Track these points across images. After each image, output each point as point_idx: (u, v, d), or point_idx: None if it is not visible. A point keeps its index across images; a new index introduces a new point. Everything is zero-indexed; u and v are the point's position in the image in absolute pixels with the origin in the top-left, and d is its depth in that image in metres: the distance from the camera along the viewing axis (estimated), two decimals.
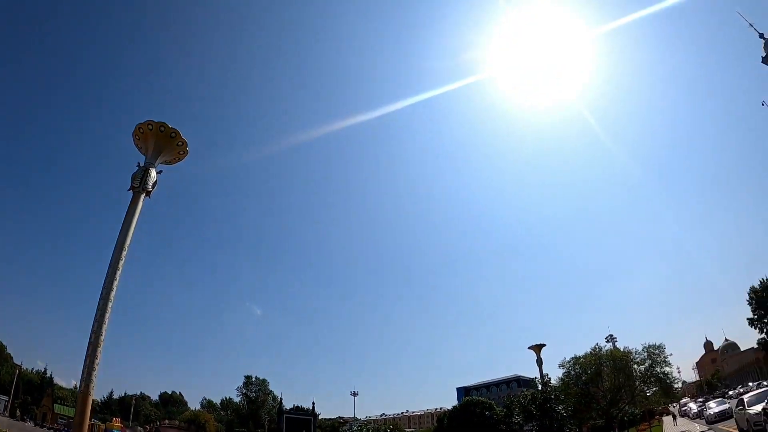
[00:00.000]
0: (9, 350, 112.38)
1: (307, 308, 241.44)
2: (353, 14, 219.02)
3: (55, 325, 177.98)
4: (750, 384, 69.24)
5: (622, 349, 52.53)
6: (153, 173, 16.60)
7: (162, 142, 16.76)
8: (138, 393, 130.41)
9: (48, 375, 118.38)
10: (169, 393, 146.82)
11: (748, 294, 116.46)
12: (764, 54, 65.58)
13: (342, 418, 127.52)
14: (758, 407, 21.81)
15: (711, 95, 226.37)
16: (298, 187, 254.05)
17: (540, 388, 17.79)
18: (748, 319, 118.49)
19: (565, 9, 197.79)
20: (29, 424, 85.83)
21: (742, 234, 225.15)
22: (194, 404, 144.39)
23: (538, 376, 28.84)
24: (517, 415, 15.80)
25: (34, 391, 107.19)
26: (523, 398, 16.70)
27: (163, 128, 16.77)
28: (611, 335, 70.78)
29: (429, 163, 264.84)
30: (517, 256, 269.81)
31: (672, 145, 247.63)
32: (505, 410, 16.47)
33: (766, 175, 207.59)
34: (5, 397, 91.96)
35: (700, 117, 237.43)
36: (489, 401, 16.86)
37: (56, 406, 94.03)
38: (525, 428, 15.85)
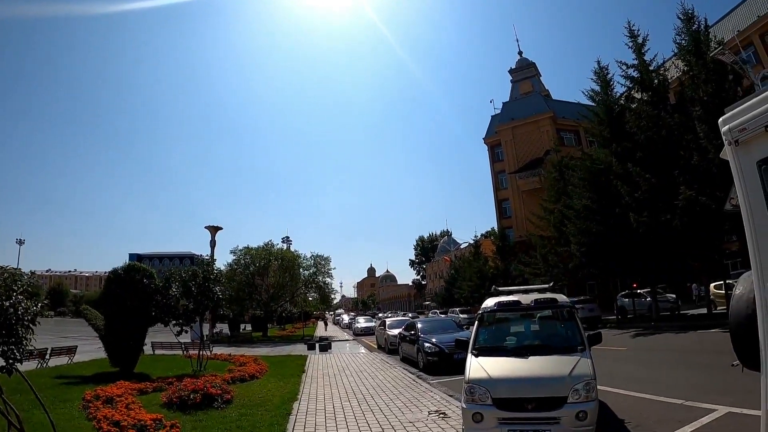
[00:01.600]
0: None
1: None
2: None
3: None
4: (398, 312, 79.85)
5: (293, 251, 55.61)
6: None
7: None
8: None
9: None
10: None
11: (416, 241, 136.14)
12: (514, 66, 74.84)
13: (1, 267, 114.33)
14: (395, 331, 24.74)
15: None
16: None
17: (204, 267, 18.51)
18: (410, 260, 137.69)
19: None
20: None
21: (432, 191, 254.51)
22: None
23: (209, 256, 29.66)
24: (175, 289, 16.15)
25: None
26: (184, 273, 17.06)
27: None
28: (287, 237, 74.52)
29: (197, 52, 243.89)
30: (221, 138, 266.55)
31: (415, 90, 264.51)
32: (164, 282, 16.66)
33: (469, 158, 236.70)
34: None
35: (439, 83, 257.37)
36: (151, 270, 16.79)
37: None
38: (181, 302, 16.32)
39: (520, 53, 76.66)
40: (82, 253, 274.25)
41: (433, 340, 18.06)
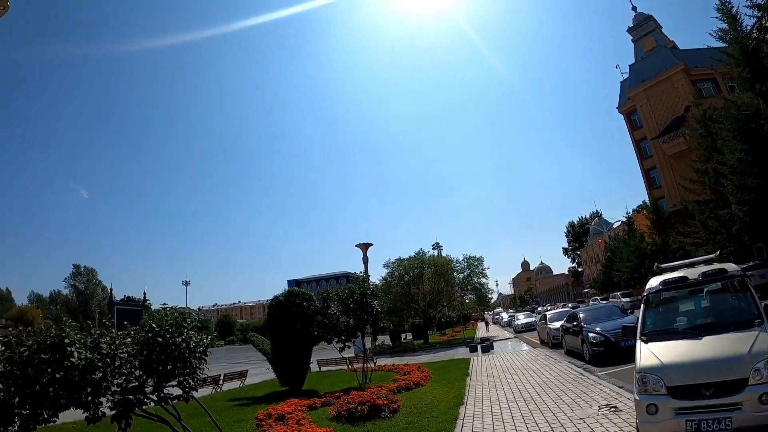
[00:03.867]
0: None
1: (136, 194, 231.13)
2: None
3: None
4: (558, 304, 77.40)
5: (445, 257, 54.97)
6: None
7: None
8: None
9: None
10: None
11: (567, 227, 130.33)
12: (631, 24, 70.40)
13: (167, 305, 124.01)
14: (557, 324, 23.94)
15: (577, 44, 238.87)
16: (119, 57, 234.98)
17: (360, 284, 19.08)
18: (563, 248, 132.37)
19: None
20: None
21: (573, 174, 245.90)
22: (22, 300, 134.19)
23: (363, 272, 30.42)
24: (334, 307, 16.75)
25: None
26: (341, 292, 17.68)
27: None
28: (438, 243, 74.97)
29: (290, 62, 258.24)
30: (361, 157, 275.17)
31: (528, 74, 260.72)
32: (323, 302, 17.36)
33: (605, 131, 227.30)
34: None
35: (560, 58, 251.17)
36: (309, 293, 17.62)
37: None
38: (341, 320, 16.87)
39: (634, 9, 71.14)
40: (244, 285, 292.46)
41: (597, 329, 17.29)
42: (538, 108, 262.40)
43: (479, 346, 27.74)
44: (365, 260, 33.62)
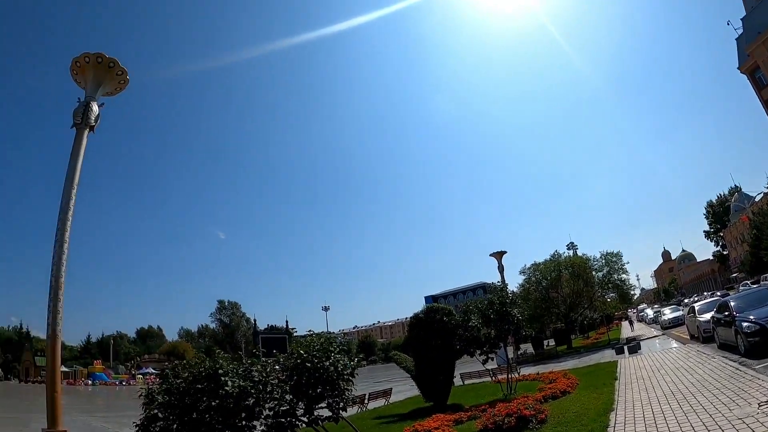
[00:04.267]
0: None
1: (272, 227, 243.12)
2: None
3: (22, 277, 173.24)
4: (705, 293, 72.40)
5: (581, 256, 53.40)
6: (95, 107, 16.00)
7: (101, 73, 16.06)
8: (115, 332, 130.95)
9: (25, 330, 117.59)
10: (146, 328, 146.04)
11: (705, 208, 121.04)
12: None
13: (311, 332, 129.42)
14: (707, 315, 22.41)
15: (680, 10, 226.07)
16: (254, 101, 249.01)
17: (499, 294, 18.74)
18: (704, 231, 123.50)
19: None
20: (14, 381, 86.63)
21: (702, 150, 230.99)
22: (172, 335, 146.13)
23: (500, 281, 30.01)
24: (474, 320, 16.46)
25: (14, 349, 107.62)
26: (480, 303, 17.40)
27: (100, 59, 16.01)
28: (572, 243, 72.75)
29: (390, 74, 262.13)
30: (482, 165, 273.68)
31: (635, 55, 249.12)
32: (463, 316, 17.11)
33: (728, 96, 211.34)
34: None
35: (667, 28, 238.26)
36: (449, 307, 17.45)
37: (37, 359, 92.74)
38: (483, 331, 16.52)
39: None
40: (381, 305, 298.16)
41: (751, 317, 15.99)
42: (653, 88, 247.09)
43: (625, 347, 27.00)
44: (500, 269, 33.32)
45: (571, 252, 61.72)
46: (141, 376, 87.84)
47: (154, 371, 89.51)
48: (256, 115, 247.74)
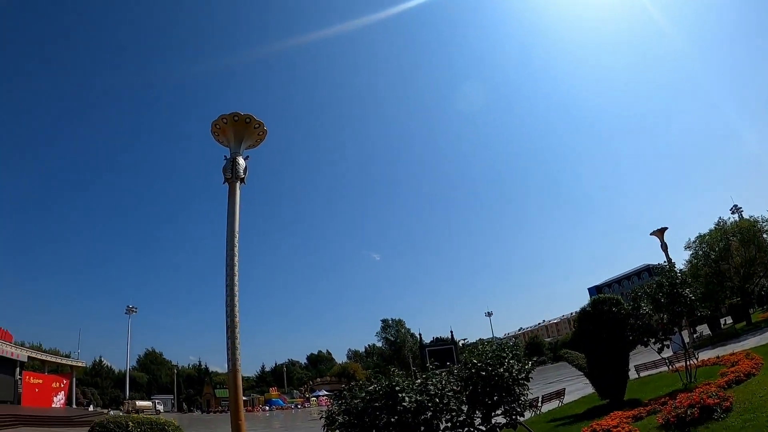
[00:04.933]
0: (164, 356, 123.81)
1: (429, 242, 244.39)
2: None
3: (196, 321, 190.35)
4: None
5: (749, 219, 49.29)
6: (241, 161, 17.31)
7: (240, 130, 17.48)
8: (287, 360, 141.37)
9: (203, 366, 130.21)
10: (316, 353, 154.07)
11: None
12: None
13: (481, 340, 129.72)
14: None
15: None
16: (390, 123, 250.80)
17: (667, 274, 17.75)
18: None
19: None
20: (197, 413, 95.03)
21: None
22: (341, 358, 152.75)
23: (666, 261, 28.27)
24: (645, 306, 15.64)
25: (195, 384, 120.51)
26: (648, 288, 16.54)
27: (236, 118, 17.38)
28: (736, 205, 66.70)
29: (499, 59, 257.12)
30: (625, 141, 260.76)
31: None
32: (632, 303, 16.32)
33: None
34: (170, 396, 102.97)
35: None
36: (616, 297, 16.73)
37: (217, 391, 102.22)
38: (654, 318, 15.69)
39: None
40: (544, 303, 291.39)
41: None
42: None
43: None
44: (664, 247, 31.77)
45: (736, 216, 57.01)
46: (315, 398, 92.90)
47: (327, 393, 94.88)
48: (394, 137, 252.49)
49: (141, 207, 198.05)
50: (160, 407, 75.78)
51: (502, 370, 7.89)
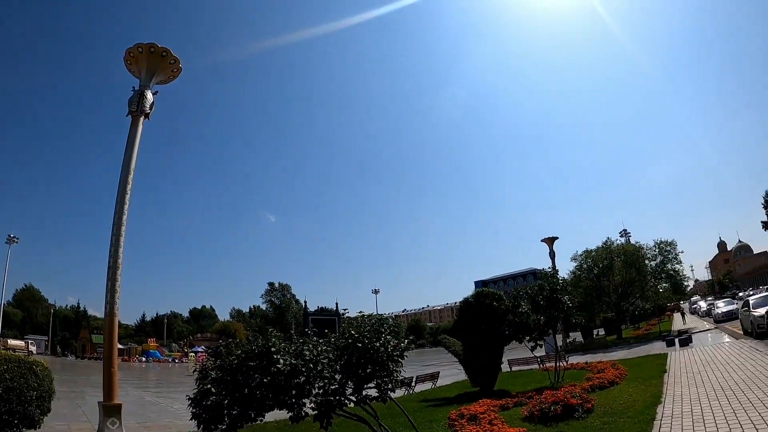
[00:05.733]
0: (42, 293, 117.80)
1: (323, 210, 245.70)
2: None
3: (80, 259, 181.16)
4: (761, 287, 70.22)
5: (634, 244, 52.41)
6: (149, 95, 16.46)
7: (154, 63, 16.54)
8: (169, 312, 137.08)
9: (82, 309, 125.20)
10: (199, 308, 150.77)
11: (763, 197, 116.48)
12: None
13: (362, 312, 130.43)
14: (762, 310, 22.16)
15: None
16: (302, 82, 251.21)
17: (549, 279, 18.62)
18: (762, 222, 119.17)
19: None
20: (71, 357, 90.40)
21: (758, 138, 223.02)
22: (224, 315, 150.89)
23: (551, 267, 29.56)
24: (524, 305, 16.41)
25: (71, 327, 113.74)
26: (530, 289, 17.39)
27: (153, 49, 16.46)
28: (625, 230, 71.38)
29: (436, 56, 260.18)
30: (533, 151, 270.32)
31: (688, 40, 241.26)
32: (513, 301, 17.08)
33: None
34: (44, 337, 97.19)
35: (728, 14, 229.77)
36: (498, 292, 17.40)
37: (93, 336, 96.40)
38: (532, 318, 16.46)
39: None
40: (431, 289, 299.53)
41: None
42: (713, 72, 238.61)
43: (677, 340, 26.83)
44: (552, 255, 33.12)
45: (623, 239, 60.55)
46: (193, 354, 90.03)
47: (206, 349, 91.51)
48: (301, 98, 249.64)
49: (27, 125, 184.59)
50: (32, 348, 71.09)
51: (378, 344, 7.93)
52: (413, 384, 23.59)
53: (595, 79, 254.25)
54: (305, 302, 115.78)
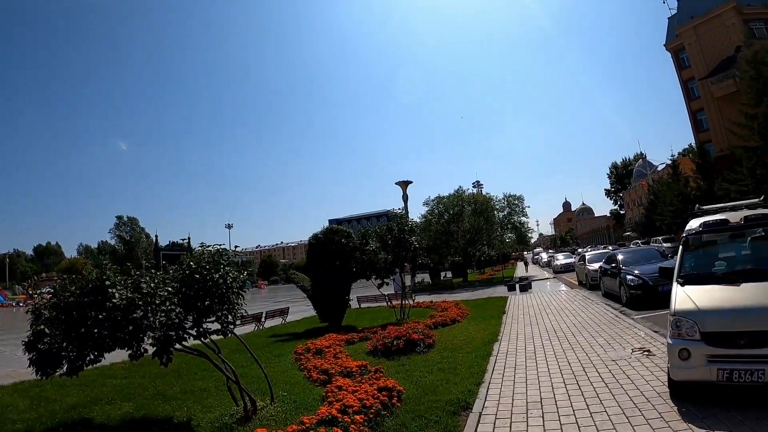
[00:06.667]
0: None
1: (176, 141, 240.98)
2: None
3: None
4: (597, 246, 76.79)
5: (485, 195, 54.50)
6: None
7: None
8: (11, 250, 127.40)
9: None
10: (44, 245, 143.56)
11: (610, 168, 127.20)
12: None
13: (203, 244, 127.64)
14: (596, 265, 23.84)
15: None
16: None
17: (398, 221, 19.27)
18: (605, 189, 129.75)
19: None
20: None
21: (617, 114, 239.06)
22: (71, 253, 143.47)
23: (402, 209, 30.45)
24: (372, 243, 17.05)
25: None
26: (379, 229, 18.02)
27: None
28: (478, 181, 74.28)
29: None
30: (395, 94, 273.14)
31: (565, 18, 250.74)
32: (361, 239, 17.63)
33: (651, 68, 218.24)
34: None
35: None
36: (347, 230, 17.91)
37: None
38: (380, 256, 17.21)
39: None
40: (287, 226, 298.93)
41: (636, 271, 17.05)
42: (581, 45, 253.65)
43: (517, 285, 28.07)
44: (405, 198, 33.84)
45: (476, 190, 62.74)
46: (38, 295, 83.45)
47: (53, 290, 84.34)
48: (176, 16, 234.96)
49: None
50: None
51: (217, 276, 7.82)
52: (263, 319, 23.65)
53: (476, 36, 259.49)
54: (156, 237, 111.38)
